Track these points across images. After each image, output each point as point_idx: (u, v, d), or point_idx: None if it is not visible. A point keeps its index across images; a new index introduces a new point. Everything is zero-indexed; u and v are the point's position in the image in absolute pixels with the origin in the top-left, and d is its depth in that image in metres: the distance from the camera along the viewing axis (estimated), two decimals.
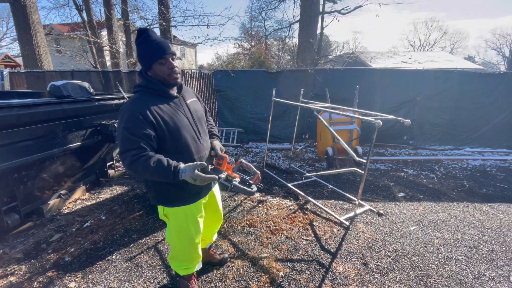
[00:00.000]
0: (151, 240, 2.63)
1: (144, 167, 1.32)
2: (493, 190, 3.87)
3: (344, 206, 3.30)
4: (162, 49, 1.42)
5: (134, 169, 1.34)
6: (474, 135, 6.00)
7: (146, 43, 1.42)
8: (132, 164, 1.33)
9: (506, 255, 2.40)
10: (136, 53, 1.48)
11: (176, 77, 1.47)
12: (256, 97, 6.28)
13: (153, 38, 1.43)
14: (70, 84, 2.99)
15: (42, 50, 7.24)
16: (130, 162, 1.33)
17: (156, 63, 1.43)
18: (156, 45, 1.42)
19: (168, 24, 7.49)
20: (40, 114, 2.54)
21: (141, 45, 1.43)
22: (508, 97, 5.74)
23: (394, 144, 6.21)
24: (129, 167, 1.34)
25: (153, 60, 1.42)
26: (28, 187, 2.76)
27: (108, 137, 3.40)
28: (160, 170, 1.32)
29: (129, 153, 1.33)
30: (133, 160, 1.32)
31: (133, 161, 1.32)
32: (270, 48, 22.64)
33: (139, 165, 1.32)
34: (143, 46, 1.43)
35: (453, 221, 2.97)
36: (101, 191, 3.79)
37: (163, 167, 1.32)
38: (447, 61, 16.99)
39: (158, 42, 1.42)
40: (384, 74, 5.99)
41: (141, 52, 1.44)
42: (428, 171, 4.68)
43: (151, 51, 1.42)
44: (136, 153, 1.33)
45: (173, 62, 1.46)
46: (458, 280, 2.09)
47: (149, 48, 1.42)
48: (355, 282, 2.07)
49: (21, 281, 2.12)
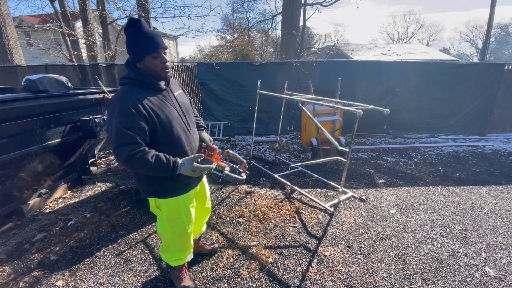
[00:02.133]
0: (139, 235, 2.62)
1: (142, 163, 1.33)
2: (466, 174, 4.14)
3: (328, 194, 3.42)
4: (156, 43, 1.41)
5: (130, 164, 1.34)
6: (449, 123, 6.34)
7: (139, 35, 1.39)
8: (128, 160, 1.32)
9: (477, 233, 2.60)
10: (126, 43, 1.44)
11: (166, 71, 1.48)
12: (241, 90, 6.27)
13: (146, 31, 1.40)
14: (46, 78, 2.86)
15: (12, 44, 6.80)
16: (126, 158, 1.32)
17: (149, 56, 1.41)
18: (150, 38, 1.40)
19: (148, 15, 7.24)
20: (16, 110, 2.43)
21: (133, 36, 1.40)
22: (479, 86, 6.09)
23: (375, 133, 6.44)
24: (125, 162, 1.33)
25: (146, 53, 1.40)
26: (6, 187, 2.65)
27: (89, 133, 3.30)
28: (159, 165, 1.36)
29: (125, 148, 1.31)
30: (130, 156, 1.31)
31: (130, 156, 1.31)
32: (253, 41, 22.49)
33: (136, 161, 1.32)
34: (136, 37, 1.40)
35: (429, 204, 3.17)
36: (84, 189, 3.69)
37: (162, 163, 1.36)
38: (424, 53, 17.62)
39: (152, 35, 1.40)
40: (365, 66, 6.15)
41: (133, 44, 1.41)
42: (407, 158, 4.91)
43: (145, 43, 1.39)
44: (132, 148, 1.32)
45: (165, 56, 1.46)
46: (434, 257, 2.25)
47: (142, 40, 1.39)
48: (340, 263, 2.18)
49: (6, 282, 2.06)
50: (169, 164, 1.38)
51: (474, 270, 2.11)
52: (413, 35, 36.78)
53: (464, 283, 1.98)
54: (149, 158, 1.33)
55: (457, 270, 2.11)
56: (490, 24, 9.03)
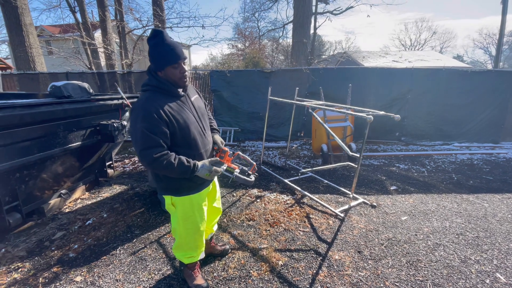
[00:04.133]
0: (153, 235, 2.70)
1: (166, 165, 1.45)
2: (479, 182, 4.06)
3: (339, 200, 3.43)
4: (177, 54, 1.51)
5: (155, 166, 1.46)
6: (462, 131, 6.23)
7: (161, 46, 1.50)
8: (153, 162, 1.43)
9: (490, 241, 2.55)
10: (149, 53, 1.55)
11: (185, 81, 1.59)
12: (251, 97, 6.38)
13: (168, 42, 1.51)
14: (70, 85, 3.04)
15: (35, 52, 7.20)
16: (151, 160, 1.43)
17: (169, 67, 1.51)
18: (172, 49, 1.50)
19: (163, 25, 7.53)
20: (42, 114, 2.59)
21: (156, 47, 1.51)
22: (492, 93, 5.98)
23: (387, 140, 6.39)
24: (150, 164, 1.45)
25: (167, 64, 1.51)
26: (29, 186, 2.81)
27: (107, 136, 3.45)
28: (181, 168, 1.49)
29: (150, 151, 1.42)
30: (155, 159, 1.43)
31: (155, 159, 1.43)
32: (264, 49, 22.79)
33: (161, 163, 1.44)
34: (159, 48, 1.50)
35: (441, 211, 3.13)
36: (101, 190, 3.83)
37: (184, 165, 1.50)
38: (436, 60, 17.39)
39: (173, 47, 1.51)
40: (376, 73, 6.16)
41: (155, 54, 1.52)
42: (419, 165, 4.85)
43: (167, 54, 1.50)
44: (157, 151, 1.43)
45: (184, 66, 1.56)
46: (446, 264, 2.23)
47: (164, 51, 1.50)
48: (350, 268, 2.19)
49: (26, 277, 2.17)
50: (189, 166, 1.51)
51: (485, 276, 2.08)
52: (426, 42, 36.40)
53: None
54: (172, 161, 1.46)
55: (468, 276, 2.08)
56: (502, 32, 8.90)
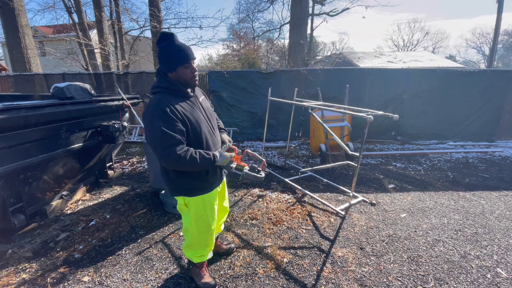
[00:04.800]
0: (157, 235, 2.72)
1: (191, 161, 1.49)
2: (475, 179, 4.16)
3: (339, 198, 3.49)
4: (188, 54, 1.56)
5: (181, 163, 1.48)
6: (456, 130, 6.36)
7: (172, 48, 1.54)
8: (179, 160, 1.46)
9: (489, 237, 2.63)
10: (159, 55, 1.59)
11: (196, 80, 1.64)
12: (250, 97, 6.43)
13: (178, 44, 1.56)
14: (72, 86, 3.04)
15: (30, 53, 7.13)
16: (177, 157, 1.45)
17: (181, 67, 1.56)
18: (182, 50, 1.55)
19: (161, 26, 7.52)
20: (46, 116, 2.60)
21: (167, 49, 1.55)
22: (486, 93, 6.12)
23: (383, 140, 6.49)
24: (176, 161, 1.47)
25: (179, 64, 1.55)
26: (33, 188, 2.81)
27: (108, 137, 3.47)
28: (205, 161, 1.55)
29: (174, 148, 1.45)
30: (180, 155, 1.46)
31: (179, 156, 1.45)
32: (259, 49, 22.85)
33: (185, 159, 1.47)
34: (169, 50, 1.55)
35: (439, 208, 3.21)
36: (102, 191, 3.83)
37: (205, 157, 1.55)
38: (430, 60, 17.67)
39: (183, 48, 1.56)
40: (372, 73, 6.26)
41: (166, 56, 1.56)
42: (415, 164, 4.95)
43: (178, 56, 1.54)
44: (180, 148, 1.47)
45: (194, 66, 1.61)
46: (446, 259, 2.30)
47: (176, 52, 1.54)
48: (353, 264, 2.25)
49: (34, 278, 2.18)
50: (210, 157, 1.57)
51: (486, 271, 2.15)
52: (419, 43, 36.88)
53: (476, 283, 2.02)
54: (195, 155, 1.50)
55: (469, 271, 2.15)
56: (497, 31, 9.09)
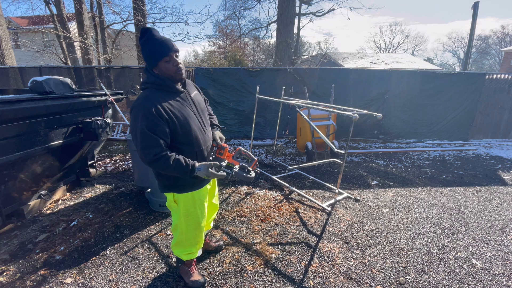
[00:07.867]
0: (144, 234, 2.67)
1: (164, 166, 1.47)
2: (451, 176, 4.39)
3: (325, 195, 3.57)
4: (166, 47, 1.50)
5: (154, 166, 1.49)
6: (434, 129, 6.66)
7: (150, 42, 1.50)
8: (153, 162, 1.46)
9: (464, 229, 2.79)
10: (142, 52, 1.54)
11: (181, 73, 1.57)
12: (237, 95, 6.40)
13: (157, 37, 1.51)
14: (52, 80, 2.90)
15: (4, 45, 6.72)
16: (151, 160, 1.45)
17: (161, 61, 1.51)
18: (160, 43, 1.49)
19: (145, 20, 7.31)
20: (24, 111, 2.47)
21: (146, 44, 1.50)
22: (462, 94, 6.45)
23: (366, 138, 6.69)
24: (150, 164, 1.47)
25: (158, 58, 1.50)
26: (9, 187, 2.66)
27: (90, 134, 3.34)
28: (179, 168, 1.49)
29: (151, 150, 1.44)
30: (155, 159, 1.44)
31: (154, 159, 1.44)
32: (245, 47, 22.78)
33: (159, 163, 1.46)
34: (148, 45, 1.50)
35: (419, 203, 3.36)
36: (83, 190, 3.70)
37: (182, 167, 1.50)
38: (410, 62, 18.37)
39: (162, 40, 1.50)
40: (356, 73, 6.42)
41: (146, 51, 1.52)
42: (396, 161, 5.14)
43: (156, 49, 1.49)
44: (157, 151, 1.44)
45: (177, 59, 1.55)
46: (425, 251, 2.42)
47: (153, 46, 1.49)
48: (339, 258, 2.31)
49: (12, 281, 2.07)
50: (188, 167, 1.51)
51: (462, 262, 2.28)
52: (399, 45, 38.23)
53: (453, 273, 2.14)
54: (171, 162, 1.46)
55: (447, 262, 2.27)
56: (472, 36, 9.57)
